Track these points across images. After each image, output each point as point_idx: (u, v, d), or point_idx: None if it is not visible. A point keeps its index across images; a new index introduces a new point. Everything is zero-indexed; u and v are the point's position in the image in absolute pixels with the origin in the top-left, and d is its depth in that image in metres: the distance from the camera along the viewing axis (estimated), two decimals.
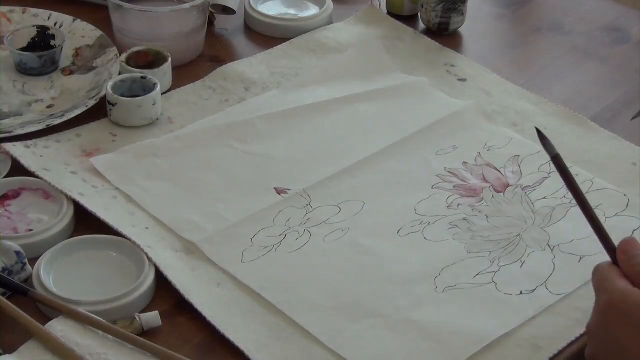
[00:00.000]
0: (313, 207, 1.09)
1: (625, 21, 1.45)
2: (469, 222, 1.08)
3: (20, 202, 1.06)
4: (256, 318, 0.96)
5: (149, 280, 0.97)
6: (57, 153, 1.12)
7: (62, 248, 0.99)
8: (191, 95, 1.24)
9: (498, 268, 1.02)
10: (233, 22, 1.39)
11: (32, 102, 1.21)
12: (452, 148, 1.18)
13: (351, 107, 1.23)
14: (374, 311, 0.97)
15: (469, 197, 1.11)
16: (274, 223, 1.06)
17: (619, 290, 0.84)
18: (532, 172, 1.15)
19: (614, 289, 0.84)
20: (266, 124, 1.19)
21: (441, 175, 1.14)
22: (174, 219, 1.05)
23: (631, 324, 0.82)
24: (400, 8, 1.42)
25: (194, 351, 0.93)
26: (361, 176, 1.13)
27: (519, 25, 1.44)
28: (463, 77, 1.30)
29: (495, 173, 1.14)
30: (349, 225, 1.07)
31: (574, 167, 1.14)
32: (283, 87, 1.26)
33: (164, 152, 1.14)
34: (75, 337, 0.90)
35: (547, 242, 1.05)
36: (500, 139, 1.19)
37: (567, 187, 0.91)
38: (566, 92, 1.29)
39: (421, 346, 0.93)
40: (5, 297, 0.93)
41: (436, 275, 1.01)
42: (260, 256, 1.02)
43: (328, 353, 0.93)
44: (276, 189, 1.10)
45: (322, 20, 1.38)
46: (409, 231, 1.06)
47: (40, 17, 1.31)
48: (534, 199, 1.11)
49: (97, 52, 1.27)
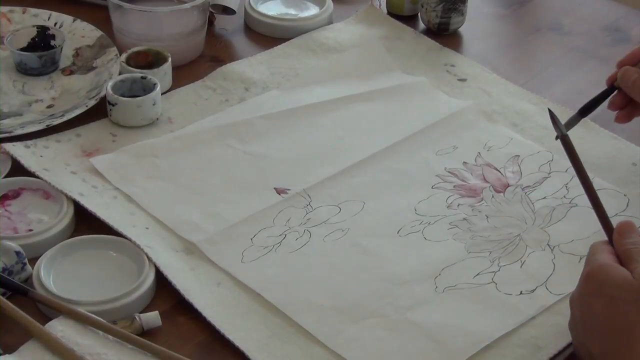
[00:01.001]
0: (313, 207, 1.09)
1: (625, 21, 1.45)
2: (469, 222, 1.08)
3: (20, 202, 1.06)
4: (256, 318, 0.96)
5: (149, 280, 0.97)
6: (57, 153, 1.12)
7: (62, 248, 0.99)
8: (191, 95, 1.24)
9: (498, 268, 1.02)
10: (233, 22, 1.39)
11: (32, 102, 1.21)
12: (452, 148, 1.18)
13: (351, 107, 1.23)
14: (374, 311, 0.97)
15: (469, 197, 1.11)
16: (274, 223, 1.06)
17: (599, 264, 0.87)
18: (532, 172, 1.15)
19: (597, 262, 0.87)
20: (266, 124, 1.19)
21: (441, 175, 1.14)
22: (174, 219, 1.05)
23: (605, 296, 0.85)
24: (400, 8, 1.42)
25: (194, 351, 0.93)
26: (361, 176, 1.13)
27: (519, 25, 1.44)
28: (463, 77, 1.30)
29: (495, 173, 1.14)
30: (349, 225, 1.07)
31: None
32: (283, 87, 1.26)
33: (163, 152, 1.14)
34: (75, 337, 0.90)
35: (547, 242, 1.05)
36: (500, 139, 1.19)
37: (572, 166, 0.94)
38: (566, 92, 1.29)
39: (421, 346, 0.93)
40: (5, 297, 0.93)
41: (436, 275, 1.01)
42: (260, 256, 1.02)
43: (328, 353, 0.93)
44: (276, 189, 1.10)
45: (322, 20, 1.38)
46: (409, 231, 1.06)
47: (40, 17, 1.31)
48: (534, 199, 1.11)
49: (97, 52, 1.27)
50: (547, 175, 1.14)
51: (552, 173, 1.14)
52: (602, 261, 0.87)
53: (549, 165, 1.15)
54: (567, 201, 1.10)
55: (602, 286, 0.85)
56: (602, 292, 0.85)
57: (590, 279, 0.86)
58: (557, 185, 1.13)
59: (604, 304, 0.85)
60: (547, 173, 1.15)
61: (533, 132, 1.21)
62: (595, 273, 0.86)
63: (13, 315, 0.91)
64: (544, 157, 1.17)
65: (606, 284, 0.85)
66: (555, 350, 0.94)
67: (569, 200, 1.10)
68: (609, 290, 0.85)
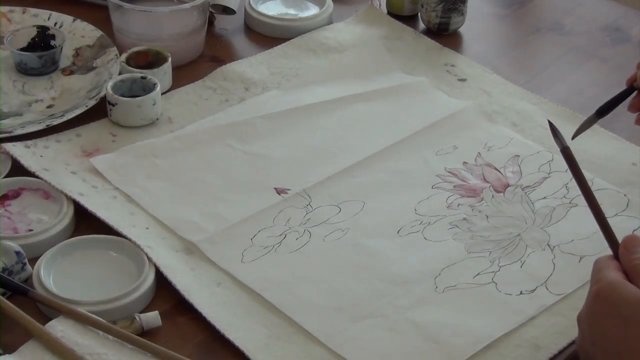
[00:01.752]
0: (313, 207, 1.09)
1: (625, 21, 1.45)
2: (469, 222, 1.08)
3: (20, 202, 1.06)
4: (256, 318, 0.96)
5: (149, 280, 0.97)
6: (57, 153, 1.12)
7: (62, 248, 0.99)
8: (191, 95, 1.24)
9: (498, 268, 1.02)
10: (233, 22, 1.39)
11: (32, 102, 1.21)
12: (452, 148, 1.18)
13: (351, 106, 1.23)
14: (374, 311, 0.97)
15: (469, 197, 1.11)
16: (274, 223, 1.06)
17: (609, 281, 0.84)
18: (532, 172, 1.15)
19: (606, 279, 0.84)
20: (266, 124, 1.19)
21: (441, 175, 1.14)
22: (174, 219, 1.05)
23: (617, 315, 0.83)
24: (400, 8, 1.42)
25: (194, 351, 0.93)
26: (361, 176, 1.13)
27: (519, 25, 1.44)
28: (463, 77, 1.30)
29: (495, 173, 1.14)
30: (349, 225, 1.07)
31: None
32: (283, 87, 1.26)
33: (163, 152, 1.14)
34: (75, 337, 0.90)
35: (547, 242, 1.05)
36: (500, 139, 1.19)
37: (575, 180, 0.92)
38: (566, 92, 1.29)
39: (421, 346, 0.93)
40: (5, 297, 0.93)
41: (436, 275, 1.01)
42: (260, 256, 1.02)
43: (328, 353, 0.93)
44: (276, 189, 1.10)
45: (322, 20, 1.38)
46: (409, 231, 1.06)
47: (40, 17, 1.31)
48: (534, 199, 1.11)
49: (97, 52, 1.27)
50: (547, 176, 1.14)
51: (552, 173, 1.14)
52: (611, 278, 0.84)
53: (549, 165, 1.15)
54: (567, 201, 1.10)
55: (614, 305, 0.83)
56: (614, 311, 0.83)
57: (601, 297, 0.84)
58: (557, 185, 1.13)
59: (616, 324, 0.82)
60: (547, 173, 1.15)
61: (533, 132, 1.21)
62: (606, 291, 0.84)
63: (13, 315, 0.91)
64: (544, 157, 1.17)
65: (618, 303, 0.83)
66: (555, 350, 0.94)
67: (569, 200, 1.10)
68: (622, 309, 0.82)
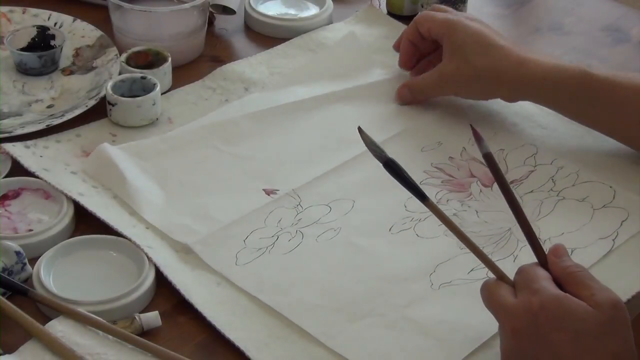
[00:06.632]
0: (303, 207, 1.08)
1: (625, 21, 1.45)
2: (459, 218, 1.08)
3: (20, 202, 1.06)
4: (256, 318, 0.96)
5: (149, 280, 0.97)
6: (57, 153, 1.12)
7: (62, 248, 0.99)
8: (191, 95, 1.24)
9: None
10: (233, 22, 1.39)
11: (32, 102, 1.21)
12: (436, 144, 1.18)
13: (334, 105, 1.22)
14: (371, 310, 0.97)
15: (457, 192, 1.11)
16: (265, 224, 1.06)
17: (552, 294, 0.84)
18: (517, 166, 1.15)
19: (548, 292, 0.84)
20: (250, 124, 1.18)
21: (428, 171, 1.14)
22: (165, 221, 1.04)
23: (567, 330, 0.82)
24: (400, 8, 1.42)
25: (194, 351, 0.93)
26: (349, 175, 1.12)
27: (519, 25, 1.44)
28: None
29: (482, 167, 1.14)
30: (340, 224, 1.06)
31: (559, 160, 1.15)
32: (266, 88, 1.25)
33: (148, 154, 1.13)
34: (75, 337, 0.90)
35: (537, 236, 1.05)
36: (484, 133, 1.19)
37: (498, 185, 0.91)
38: None
39: (420, 344, 0.93)
40: (5, 297, 0.93)
41: (431, 272, 1.01)
42: (254, 258, 1.02)
43: (328, 353, 0.93)
44: (265, 190, 1.10)
45: (322, 20, 1.38)
46: (400, 228, 1.06)
47: (40, 17, 1.31)
48: (522, 192, 1.11)
49: (97, 52, 1.27)
50: (533, 169, 1.14)
51: (537, 166, 1.15)
52: (553, 291, 0.84)
53: (534, 158, 1.16)
54: (555, 194, 1.11)
55: (561, 319, 0.83)
56: (563, 325, 0.82)
57: (546, 310, 0.83)
58: (544, 179, 1.13)
59: (567, 339, 0.82)
60: (533, 166, 1.15)
61: (533, 132, 1.21)
62: (552, 305, 0.83)
63: (13, 315, 0.91)
64: (528, 151, 1.17)
65: (566, 317, 0.82)
66: None
67: (556, 193, 1.11)
68: (572, 324, 0.82)
